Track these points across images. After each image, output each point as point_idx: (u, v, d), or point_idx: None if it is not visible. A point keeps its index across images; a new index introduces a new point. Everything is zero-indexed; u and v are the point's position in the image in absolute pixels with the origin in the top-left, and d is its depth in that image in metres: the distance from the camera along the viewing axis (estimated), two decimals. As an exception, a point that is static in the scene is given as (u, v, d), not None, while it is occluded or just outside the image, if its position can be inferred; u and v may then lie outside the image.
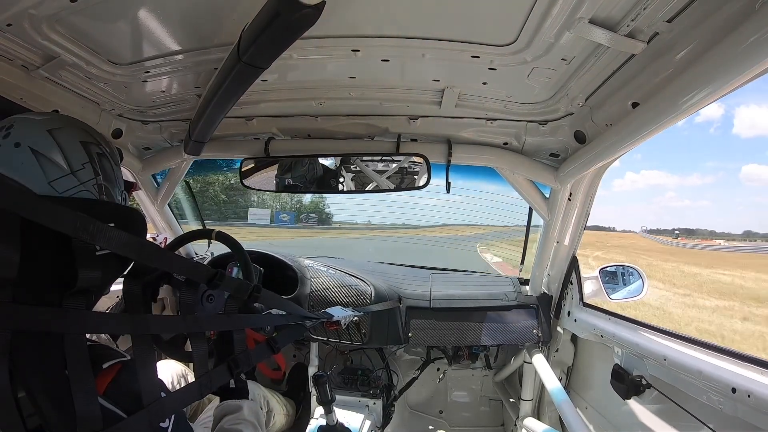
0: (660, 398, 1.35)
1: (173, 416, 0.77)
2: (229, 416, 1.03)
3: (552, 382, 1.75)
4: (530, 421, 2.02)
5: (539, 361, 1.91)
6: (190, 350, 0.90)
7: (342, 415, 1.65)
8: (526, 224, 2.20)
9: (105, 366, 0.72)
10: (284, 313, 1.30)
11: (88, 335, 0.72)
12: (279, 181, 1.76)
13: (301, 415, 2.16)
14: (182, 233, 2.10)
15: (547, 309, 1.99)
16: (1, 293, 0.61)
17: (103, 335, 1.14)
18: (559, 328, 1.97)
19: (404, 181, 1.71)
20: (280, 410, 1.89)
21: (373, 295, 1.99)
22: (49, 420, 0.63)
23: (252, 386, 1.74)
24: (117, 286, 0.88)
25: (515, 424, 2.13)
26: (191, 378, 1.56)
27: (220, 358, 0.98)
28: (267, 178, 1.77)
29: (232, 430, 0.99)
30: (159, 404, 0.73)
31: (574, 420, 1.46)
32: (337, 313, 1.58)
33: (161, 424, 0.74)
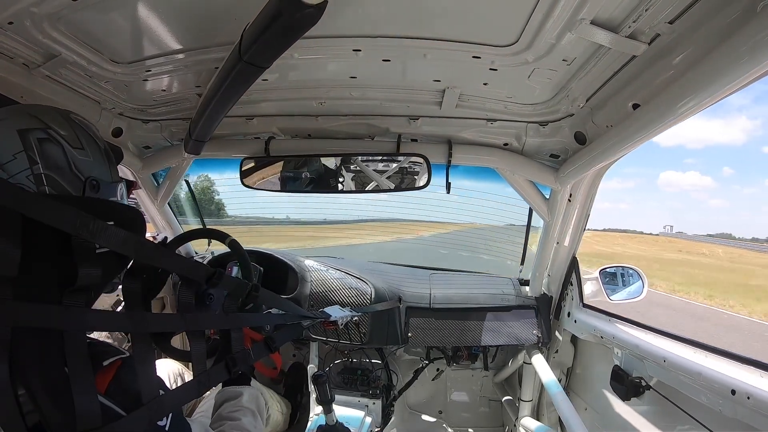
0: (659, 400, 1.35)
1: (171, 414, 0.77)
2: (229, 402, 1.03)
3: (551, 382, 1.75)
4: (530, 422, 2.02)
5: (539, 361, 1.91)
6: (188, 349, 0.90)
7: (342, 415, 1.65)
8: (525, 225, 2.20)
9: (105, 363, 0.72)
10: (282, 312, 1.31)
11: (87, 333, 0.72)
12: (279, 180, 1.77)
13: (300, 417, 2.16)
14: (182, 232, 2.10)
15: (546, 310, 1.99)
16: (1, 290, 0.61)
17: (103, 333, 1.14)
18: (558, 330, 1.97)
19: (404, 181, 1.71)
20: (275, 406, 1.89)
21: (373, 295, 1.99)
22: (48, 417, 0.63)
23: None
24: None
25: (515, 425, 2.13)
26: (189, 377, 1.56)
27: (218, 356, 0.98)
28: (267, 177, 1.77)
29: (230, 417, 0.99)
30: (158, 402, 0.73)
31: (574, 421, 1.46)
32: (335, 313, 1.58)
33: (159, 423, 0.74)
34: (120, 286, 0.88)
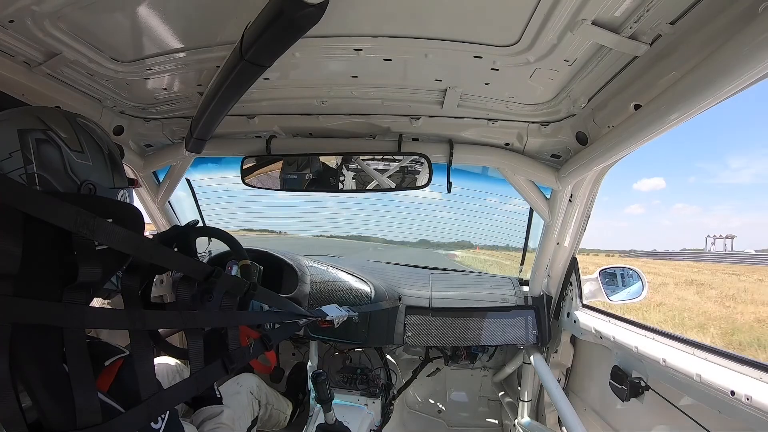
0: (659, 400, 1.35)
1: (167, 413, 0.77)
2: (209, 420, 1.07)
3: (551, 383, 1.75)
4: (529, 422, 2.03)
5: (538, 362, 1.91)
6: (185, 347, 0.90)
7: (341, 414, 1.65)
8: (526, 224, 2.20)
9: (107, 363, 0.73)
10: (279, 310, 1.31)
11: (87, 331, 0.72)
12: (280, 179, 1.77)
13: (300, 416, 2.17)
14: None
15: (546, 310, 1.99)
16: (2, 287, 0.62)
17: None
18: (558, 330, 1.98)
19: (405, 181, 1.71)
20: (276, 405, 1.90)
21: (372, 294, 1.99)
22: (47, 413, 0.63)
23: (249, 377, 1.75)
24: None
25: (514, 425, 2.14)
26: (186, 374, 1.57)
27: (215, 354, 0.98)
28: (268, 176, 1.78)
29: None
30: (157, 399, 0.74)
31: (573, 421, 1.47)
32: (331, 312, 1.58)
33: (154, 426, 0.74)
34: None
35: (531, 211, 2.07)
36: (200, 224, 2.45)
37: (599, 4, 0.79)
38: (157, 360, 1.62)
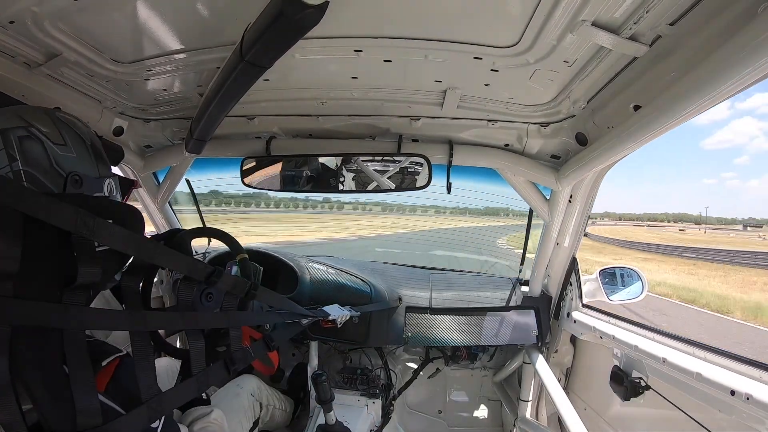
0: (659, 400, 1.35)
1: (164, 416, 0.77)
2: (199, 420, 1.08)
3: (551, 383, 1.75)
4: (529, 422, 2.03)
5: (538, 361, 1.92)
6: (187, 347, 0.90)
7: (341, 414, 1.65)
8: (526, 225, 2.20)
9: (104, 363, 0.73)
10: (281, 311, 1.31)
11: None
12: (279, 180, 1.77)
13: (300, 415, 2.17)
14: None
15: (546, 310, 2.00)
16: (2, 288, 0.61)
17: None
18: (558, 330, 1.98)
19: (405, 182, 1.71)
20: (277, 405, 1.90)
21: (372, 294, 1.99)
22: (47, 415, 0.63)
23: (250, 379, 1.75)
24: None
25: (514, 425, 2.14)
26: None
27: (216, 355, 0.99)
28: (268, 177, 1.78)
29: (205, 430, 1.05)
30: (158, 400, 0.74)
31: (573, 421, 1.47)
32: (334, 311, 1.59)
33: (152, 425, 0.74)
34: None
35: (530, 211, 2.07)
36: (200, 225, 2.45)
37: (599, 5, 0.79)
38: (158, 360, 1.62)
